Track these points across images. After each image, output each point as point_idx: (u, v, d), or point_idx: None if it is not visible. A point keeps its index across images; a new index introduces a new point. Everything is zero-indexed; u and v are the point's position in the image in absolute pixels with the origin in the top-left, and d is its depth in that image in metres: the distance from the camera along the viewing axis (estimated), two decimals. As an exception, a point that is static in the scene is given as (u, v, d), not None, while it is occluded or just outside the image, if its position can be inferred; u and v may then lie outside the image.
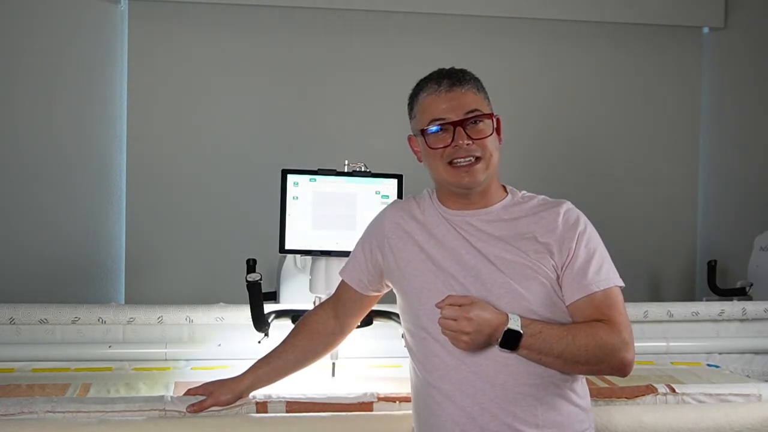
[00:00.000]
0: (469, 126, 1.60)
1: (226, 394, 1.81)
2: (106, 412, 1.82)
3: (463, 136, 1.60)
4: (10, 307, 2.37)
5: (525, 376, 1.53)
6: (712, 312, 2.68)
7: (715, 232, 4.49)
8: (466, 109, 1.61)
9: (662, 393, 2.06)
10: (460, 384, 1.55)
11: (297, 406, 1.91)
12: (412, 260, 1.65)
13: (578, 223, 1.61)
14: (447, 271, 1.60)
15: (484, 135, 1.61)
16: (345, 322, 1.84)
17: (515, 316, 1.48)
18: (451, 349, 1.54)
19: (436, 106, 1.62)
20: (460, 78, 1.63)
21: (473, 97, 1.63)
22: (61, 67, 3.92)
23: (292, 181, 2.19)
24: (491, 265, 1.57)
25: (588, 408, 1.63)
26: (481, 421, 1.54)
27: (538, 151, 4.23)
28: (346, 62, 4.22)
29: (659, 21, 4.45)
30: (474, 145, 1.60)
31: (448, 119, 1.61)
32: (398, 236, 1.69)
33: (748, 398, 2.08)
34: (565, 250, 1.57)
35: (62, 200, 3.93)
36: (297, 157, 3.70)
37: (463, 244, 1.61)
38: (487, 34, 4.22)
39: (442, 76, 1.64)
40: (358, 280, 1.78)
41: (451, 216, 1.66)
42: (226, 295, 2.64)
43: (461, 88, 1.62)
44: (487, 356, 1.53)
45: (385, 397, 1.94)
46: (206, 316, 2.42)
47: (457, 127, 1.60)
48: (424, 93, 1.65)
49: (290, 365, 1.84)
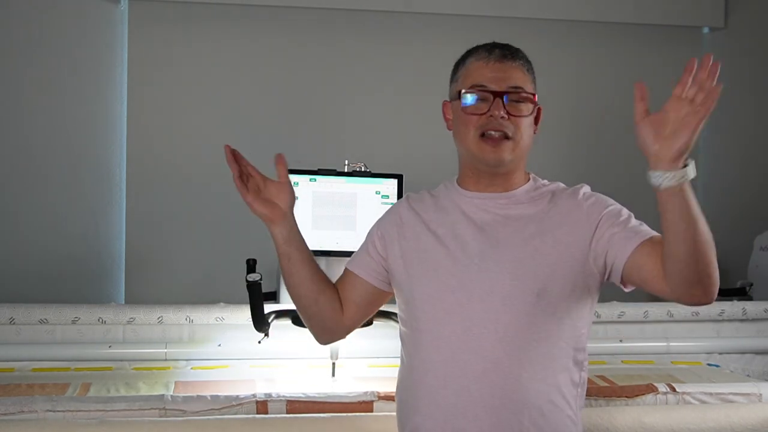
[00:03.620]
0: (510, 101, 1.55)
1: (286, 201, 1.59)
2: (106, 411, 1.82)
3: (499, 108, 1.54)
4: (10, 307, 2.37)
5: (514, 379, 1.46)
6: (712, 312, 2.68)
7: (715, 232, 4.45)
8: (510, 83, 1.56)
9: (662, 392, 2.07)
10: (445, 379, 1.49)
11: (297, 406, 1.91)
12: (419, 239, 1.58)
13: (599, 197, 1.57)
14: (451, 249, 1.53)
15: (521, 114, 1.56)
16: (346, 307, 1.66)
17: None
18: (440, 343, 1.49)
19: (481, 72, 1.57)
20: (514, 53, 1.60)
21: (521, 74, 1.58)
22: (60, 67, 3.91)
23: (292, 181, 2.18)
24: (501, 245, 1.51)
25: (578, 420, 1.55)
26: (463, 422, 1.47)
27: (535, 151, 4.22)
28: (346, 62, 4.22)
29: (659, 21, 4.44)
30: (509, 120, 1.55)
31: (489, 87, 1.55)
32: (410, 220, 1.62)
33: (748, 397, 2.09)
34: (594, 221, 1.51)
35: (62, 200, 3.92)
36: (297, 157, 3.70)
37: (472, 225, 1.55)
38: (487, 34, 4.17)
39: (495, 46, 1.60)
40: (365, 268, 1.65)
41: (469, 198, 1.59)
42: (226, 295, 2.64)
43: (512, 62, 1.58)
44: (477, 352, 1.47)
45: (385, 397, 1.94)
46: (206, 316, 2.42)
47: (496, 98, 1.54)
48: (472, 58, 1.61)
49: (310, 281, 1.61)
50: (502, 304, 1.48)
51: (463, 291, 1.50)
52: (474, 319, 1.48)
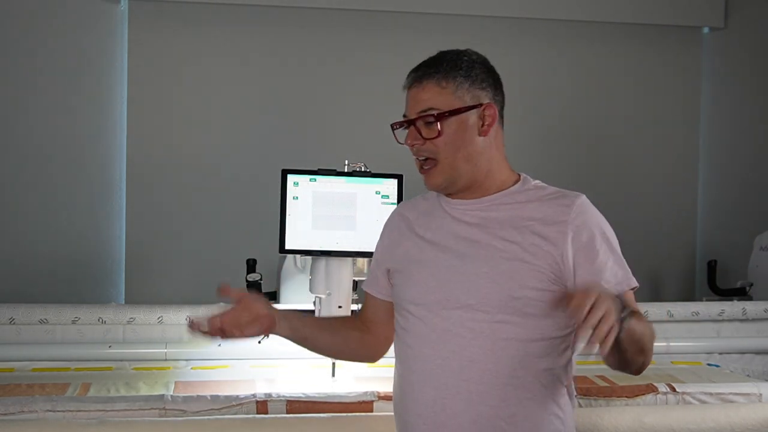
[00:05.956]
0: (423, 125, 1.55)
1: (262, 308, 1.61)
2: (107, 411, 1.82)
3: (412, 137, 1.56)
4: (10, 307, 2.37)
5: (490, 376, 1.49)
6: (712, 312, 2.68)
7: (715, 232, 4.48)
8: (419, 108, 1.56)
9: (662, 392, 2.07)
10: (425, 375, 1.53)
11: (297, 406, 1.91)
12: (406, 245, 1.63)
13: (588, 220, 1.52)
14: (434, 254, 1.57)
15: (431, 135, 1.55)
16: (371, 327, 1.73)
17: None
18: (421, 339, 1.53)
19: (406, 102, 1.60)
20: (422, 73, 1.57)
21: (431, 94, 1.55)
22: (61, 67, 3.92)
23: (292, 181, 2.19)
24: (477, 249, 1.53)
25: (567, 419, 1.55)
26: (443, 417, 1.50)
27: (535, 152, 4.22)
28: (346, 62, 4.22)
29: (659, 21, 4.44)
30: (425, 145, 1.55)
31: (407, 117, 1.58)
32: (399, 227, 1.68)
33: (748, 397, 2.09)
34: (576, 244, 1.49)
35: (62, 200, 3.93)
36: (297, 157, 3.70)
37: (453, 229, 1.58)
38: (487, 34, 4.21)
39: (413, 69, 1.60)
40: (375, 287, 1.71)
41: (453, 204, 1.61)
42: (226, 295, 2.63)
43: (419, 85, 1.57)
44: (454, 350, 1.50)
45: (385, 397, 1.94)
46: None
47: (409, 126, 1.57)
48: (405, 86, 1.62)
49: (323, 344, 1.72)
50: (478, 304, 1.51)
51: (442, 292, 1.54)
52: (452, 319, 1.52)
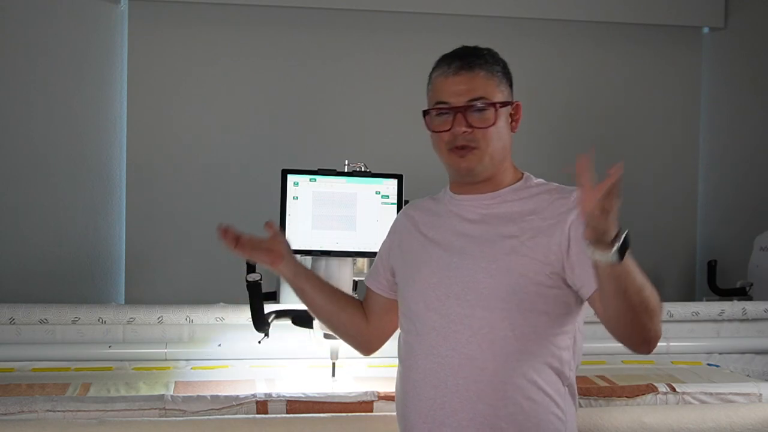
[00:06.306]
0: (471, 113, 1.55)
1: (283, 248, 1.71)
2: (107, 411, 1.82)
3: (461, 123, 1.54)
4: (10, 307, 2.37)
5: (489, 374, 1.49)
6: (712, 312, 2.68)
7: (715, 232, 4.48)
8: (470, 95, 1.55)
9: (662, 392, 2.07)
10: (425, 373, 1.53)
11: (297, 406, 1.91)
12: (411, 244, 1.65)
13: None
14: (436, 252, 1.58)
15: (485, 124, 1.55)
16: (373, 322, 1.78)
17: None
18: (421, 337, 1.54)
19: (443, 88, 1.57)
20: (471, 62, 1.57)
21: (482, 82, 1.56)
22: (61, 67, 3.92)
23: (292, 181, 2.20)
24: (476, 244, 1.54)
25: (568, 419, 1.54)
26: (442, 414, 1.50)
27: (535, 152, 4.22)
28: (346, 62, 4.22)
29: (659, 21, 4.44)
30: (473, 133, 1.55)
31: (450, 104, 1.56)
32: (405, 226, 1.70)
33: (748, 397, 2.08)
34: (573, 235, 1.49)
35: (62, 200, 3.92)
36: (297, 157, 3.70)
37: (455, 227, 1.59)
38: (487, 34, 4.18)
39: (455, 56, 1.59)
40: (375, 282, 1.75)
41: (458, 200, 1.62)
42: (226, 295, 2.64)
43: (470, 72, 1.56)
44: (454, 347, 1.51)
45: (385, 397, 1.94)
46: (206, 316, 2.42)
47: (457, 113, 1.55)
48: (436, 72, 1.61)
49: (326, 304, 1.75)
50: (477, 300, 1.51)
51: (443, 288, 1.55)
52: (451, 316, 1.53)
